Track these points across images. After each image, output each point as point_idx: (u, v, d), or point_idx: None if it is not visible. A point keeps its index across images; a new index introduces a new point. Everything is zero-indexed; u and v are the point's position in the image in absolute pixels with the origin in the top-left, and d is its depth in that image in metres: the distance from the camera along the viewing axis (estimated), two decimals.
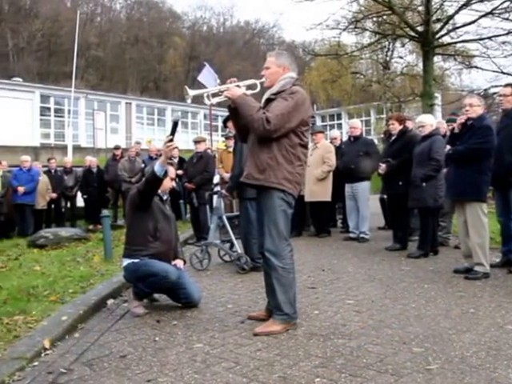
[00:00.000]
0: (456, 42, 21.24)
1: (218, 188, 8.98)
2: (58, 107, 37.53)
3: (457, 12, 19.10)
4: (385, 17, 21.77)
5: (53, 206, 13.25)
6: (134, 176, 12.50)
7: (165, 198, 5.21)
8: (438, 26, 19.65)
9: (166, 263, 4.82)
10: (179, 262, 5.10)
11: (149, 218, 4.87)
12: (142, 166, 12.44)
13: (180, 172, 10.68)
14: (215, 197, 7.86)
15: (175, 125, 4.54)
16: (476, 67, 21.51)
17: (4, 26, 50.54)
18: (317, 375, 3.12)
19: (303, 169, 4.16)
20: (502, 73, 19.38)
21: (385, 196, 9.21)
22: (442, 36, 20.41)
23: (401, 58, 28.95)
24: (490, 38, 19.14)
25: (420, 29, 19.92)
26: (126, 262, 4.91)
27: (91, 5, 60.95)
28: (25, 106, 34.71)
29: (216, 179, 9.67)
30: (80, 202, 13.83)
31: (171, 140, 4.46)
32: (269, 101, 4.12)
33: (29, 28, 51.27)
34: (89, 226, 13.11)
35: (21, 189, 12.04)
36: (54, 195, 12.93)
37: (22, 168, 12.52)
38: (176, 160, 11.38)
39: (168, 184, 5.18)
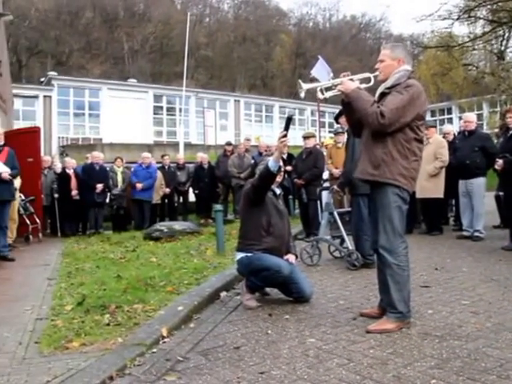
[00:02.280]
0: None
1: (327, 184, 8.94)
2: (170, 106, 38.87)
3: None
4: (501, 4, 20.73)
5: (166, 200, 13.64)
6: (243, 172, 12.71)
7: (278, 192, 5.24)
8: None
9: (278, 258, 4.86)
10: (291, 257, 5.12)
11: (262, 212, 4.92)
12: (252, 162, 12.61)
13: (289, 168, 10.73)
14: (324, 193, 7.82)
15: (289, 120, 4.55)
16: None
17: (120, 30, 53.23)
18: (433, 377, 3.03)
19: (419, 164, 4.05)
20: None
21: (501, 193, 8.82)
22: None
23: None
24: None
25: None
26: (240, 255, 5.00)
27: (200, 6, 62.77)
28: (139, 106, 36.30)
29: (325, 175, 9.62)
30: (192, 196, 14.22)
31: (285, 135, 4.49)
32: (383, 95, 4.04)
33: (142, 31, 53.66)
34: (200, 220, 13.42)
35: (139, 185, 12.48)
36: (168, 190, 13.27)
37: (141, 164, 12.98)
38: (285, 156, 11.44)
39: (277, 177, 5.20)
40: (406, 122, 3.90)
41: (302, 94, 4.21)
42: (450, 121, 39.06)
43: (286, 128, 4.51)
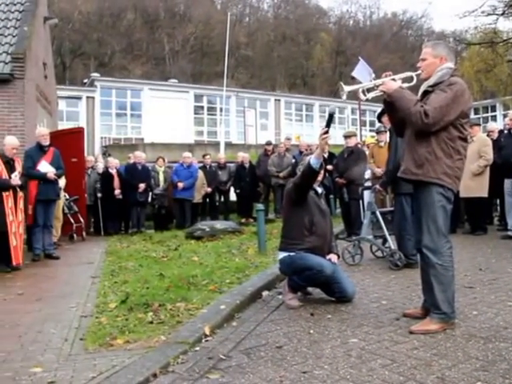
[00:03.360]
0: None
1: (368, 183, 8.87)
2: (211, 106, 39.02)
3: None
4: None
5: (207, 199, 13.74)
6: (282, 171, 12.71)
7: (320, 191, 5.21)
8: None
9: (321, 257, 4.86)
10: (333, 257, 5.10)
11: (305, 212, 4.92)
12: (293, 161, 12.60)
13: (330, 167, 10.68)
14: (366, 192, 7.77)
15: (331, 117, 4.52)
16: None
17: (161, 31, 53.82)
18: (478, 379, 2.98)
19: (463, 163, 4.00)
20: None
21: None
22: None
23: None
24: None
25: None
26: (282, 255, 5.01)
27: (240, 6, 62.98)
28: (180, 106, 36.59)
29: (367, 174, 9.55)
30: (233, 196, 14.28)
31: (327, 132, 4.47)
32: (426, 93, 4.00)
33: (183, 32, 54.11)
34: (241, 219, 13.46)
35: (180, 184, 12.58)
36: (209, 189, 13.36)
37: (182, 164, 13.08)
38: (326, 155, 11.37)
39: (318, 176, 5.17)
40: (450, 120, 3.85)
41: (344, 97, 4.19)
42: (494, 118, 38.25)
43: (328, 125, 4.49)
